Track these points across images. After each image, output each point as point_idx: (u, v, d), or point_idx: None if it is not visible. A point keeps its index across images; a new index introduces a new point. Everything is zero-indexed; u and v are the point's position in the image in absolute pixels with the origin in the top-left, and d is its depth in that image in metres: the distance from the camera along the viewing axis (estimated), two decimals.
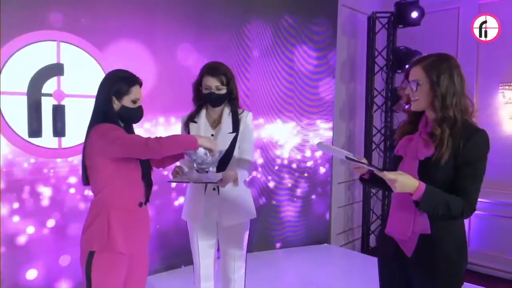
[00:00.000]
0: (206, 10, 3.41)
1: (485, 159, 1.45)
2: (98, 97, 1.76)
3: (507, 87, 4.11)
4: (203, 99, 2.08)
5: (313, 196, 4.17)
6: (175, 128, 3.25)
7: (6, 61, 2.49)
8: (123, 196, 1.71)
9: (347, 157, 1.44)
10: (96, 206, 1.70)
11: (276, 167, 3.96)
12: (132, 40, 3.01)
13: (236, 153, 2.04)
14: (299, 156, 4.06)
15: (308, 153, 4.11)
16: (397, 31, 4.34)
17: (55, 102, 2.69)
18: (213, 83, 2.00)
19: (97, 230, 1.66)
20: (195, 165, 1.82)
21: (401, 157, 1.59)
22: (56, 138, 2.71)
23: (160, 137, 1.65)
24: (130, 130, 1.84)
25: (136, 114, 1.78)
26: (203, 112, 2.10)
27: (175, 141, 1.69)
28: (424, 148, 1.48)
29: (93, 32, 2.79)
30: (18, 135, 2.55)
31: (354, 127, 4.78)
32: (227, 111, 2.08)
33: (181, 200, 3.35)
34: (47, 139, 2.66)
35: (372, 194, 4.54)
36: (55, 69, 2.68)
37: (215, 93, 2.01)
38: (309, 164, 4.12)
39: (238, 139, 2.04)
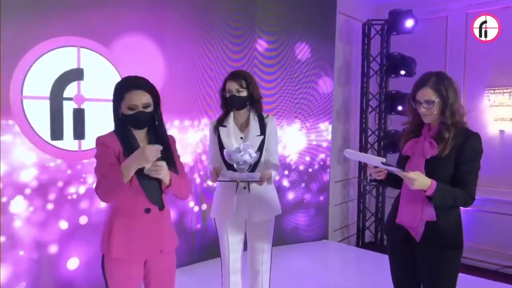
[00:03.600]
0: (214, 13, 3.56)
1: (480, 157, 1.77)
2: None
3: (492, 91, 4.40)
4: (227, 104, 2.24)
5: (313, 195, 4.36)
6: (188, 131, 3.39)
7: (30, 67, 2.56)
8: (125, 202, 1.73)
9: (383, 163, 1.65)
10: (107, 212, 1.81)
11: (286, 171, 4.12)
12: (148, 45, 3.12)
13: (263, 154, 2.21)
14: (301, 157, 4.24)
15: (310, 153, 4.28)
16: (391, 38, 4.58)
17: (76, 106, 2.78)
18: (233, 87, 2.17)
19: (102, 235, 1.77)
20: (235, 165, 1.97)
21: (408, 157, 1.88)
22: (76, 141, 2.79)
23: (99, 184, 1.68)
24: (156, 134, 1.81)
25: (133, 121, 1.72)
26: (231, 117, 2.25)
27: (107, 187, 1.67)
28: (430, 149, 1.77)
29: (110, 38, 2.89)
30: (42, 138, 2.63)
31: (349, 128, 5.00)
32: (252, 115, 2.25)
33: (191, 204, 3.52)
34: (67, 142, 2.74)
35: (367, 192, 4.77)
36: (76, 74, 2.77)
37: (236, 96, 2.17)
38: (310, 164, 4.30)
39: (265, 141, 2.21)
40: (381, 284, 3.19)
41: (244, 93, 2.18)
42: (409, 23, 4.34)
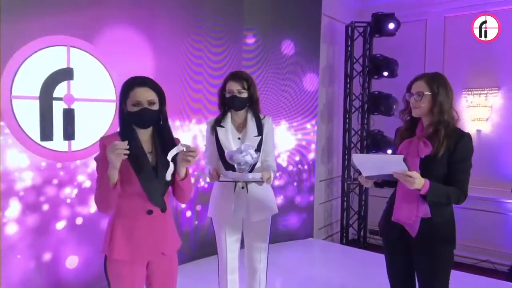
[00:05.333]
0: (202, 11, 3.57)
1: (471, 156, 1.86)
2: None
3: (469, 92, 4.59)
4: (227, 104, 2.25)
5: (302, 194, 4.42)
6: (179, 131, 3.39)
7: (20, 66, 2.51)
8: (126, 204, 1.72)
9: (404, 159, 1.69)
10: (110, 213, 1.79)
11: (278, 173, 4.15)
12: (139, 45, 3.10)
13: (260, 154, 2.23)
14: (287, 156, 4.29)
15: (295, 153, 4.35)
16: (373, 40, 4.69)
17: (65, 106, 2.73)
18: (235, 87, 2.18)
19: (104, 237, 1.77)
20: (236, 166, 1.99)
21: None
22: (66, 142, 2.75)
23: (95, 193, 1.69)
24: (161, 135, 1.79)
25: (136, 118, 1.71)
26: (228, 117, 2.27)
27: (99, 193, 1.68)
28: (424, 148, 1.84)
29: (100, 37, 2.86)
30: (31, 139, 2.58)
31: (332, 128, 5.09)
32: (250, 116, 2.27)
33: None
34: (57, 142, 2.70)
35: (350, 190, 4.88)
36: (66, 74, 2.72)
37: (237, 97, 2.19)
38: (296, 163, 4.36)
39: (263, 142, 2.24)
40: (367, 280, 3.30)
41: (245, 94, 2.20)
42: (391, 25, 4.46)
